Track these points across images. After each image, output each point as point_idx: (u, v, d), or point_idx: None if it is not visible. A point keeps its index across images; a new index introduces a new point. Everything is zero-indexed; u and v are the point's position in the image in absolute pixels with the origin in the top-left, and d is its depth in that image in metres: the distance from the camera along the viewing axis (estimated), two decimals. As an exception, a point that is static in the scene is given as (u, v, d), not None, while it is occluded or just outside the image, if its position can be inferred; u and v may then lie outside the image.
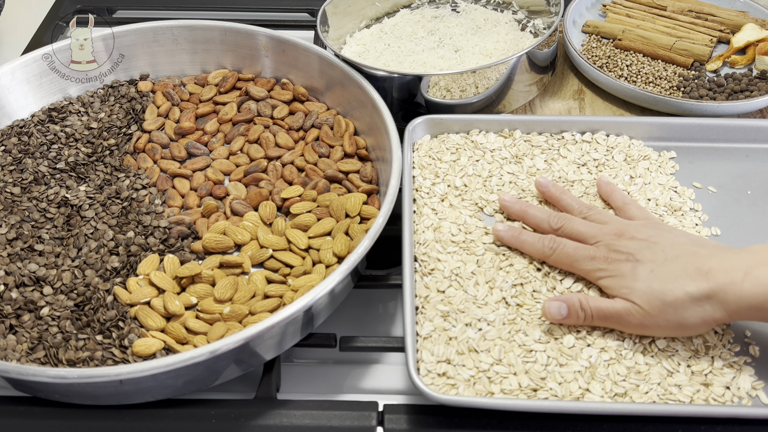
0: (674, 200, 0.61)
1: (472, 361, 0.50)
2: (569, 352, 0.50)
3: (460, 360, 0.50)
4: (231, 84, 0.74)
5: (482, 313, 0.52)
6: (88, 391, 0.48)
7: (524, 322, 0.52)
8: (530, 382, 0.48)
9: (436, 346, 0.50)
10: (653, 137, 0.66)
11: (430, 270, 0.56)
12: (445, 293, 0.54)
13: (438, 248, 0.57)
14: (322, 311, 0.54)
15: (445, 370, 0.49)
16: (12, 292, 0.55)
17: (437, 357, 0.50)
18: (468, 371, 0.49)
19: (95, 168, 0.66)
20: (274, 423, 0.49)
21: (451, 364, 0.50)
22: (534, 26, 0.77)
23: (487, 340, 0.51)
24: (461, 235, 0.58)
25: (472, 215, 0.60)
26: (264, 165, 0.66)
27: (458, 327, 0.52)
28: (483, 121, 0.66)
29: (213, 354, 0.46)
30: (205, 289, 0.56)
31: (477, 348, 0.50)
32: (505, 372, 0.49)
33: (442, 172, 0.63)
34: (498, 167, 0.63)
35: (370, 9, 0.81)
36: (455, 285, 0.54)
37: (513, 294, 0.53)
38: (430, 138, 0.66)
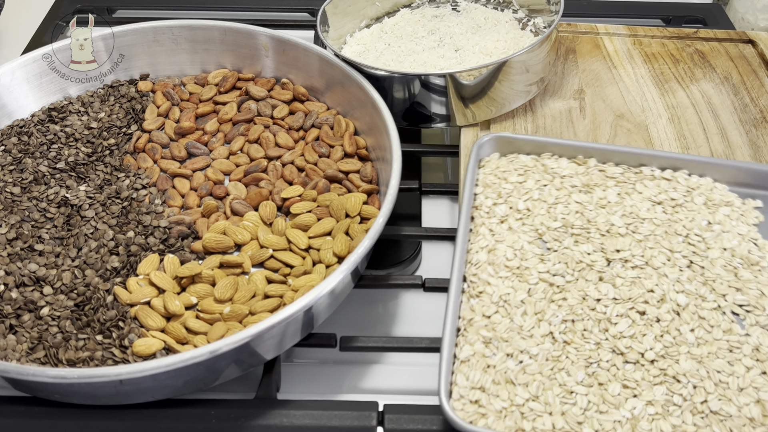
0: (753, 253, 0.55)
1: (507, 393, 0.47)
2: (612, 399, 0.47)
3: (495, 390, 0.47)
4: (231, 84, 0.74)
5: (526, 345, 0.49)
6: (88, 391, 0.48)
7: (569, 360, 0.49)
8: (565, 425, 0.45)
9: (472, 372, 0.48)
10: (739, 183, 0.61)
11: (478, 293, 0.53)
12: (491, 319, 0.51)
13: (490, 271, 0.54)
14: (323, 311, 0.54)
15: (478, 398, 0.47)
16: (12, 292, 0.55)
17: (472, 383, 0.47)
18: (501, 403, 0.46)
19: (95, 168, 0.66)
20: (274, 423, 0.49)
21: (485, 393, 0.47)
22: (534, 25, 0.76)
23: (527, 374, 0.48)
24: (516, 260, 0.55)
25: (530, 241, 0.56)
26: (264, 165, 0.66)
27: (498, 356, 0.49)
28: (557, 144, 0.63)
29: (213, 354, 0.46)
30: (205, 289, 0.56)
31: (515, 380, 0.47)
32: (540, 410, 0.46)
33: (505, 192, 0.60)
34: (566, 194, 0.60)
35: (371, 9, 0.81)
36: (502, 312, 0.52)
37: (562, 330, 0.50)
38: (498, 156, 0.63)
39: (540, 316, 0.51)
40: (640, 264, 0.55)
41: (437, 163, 0.76)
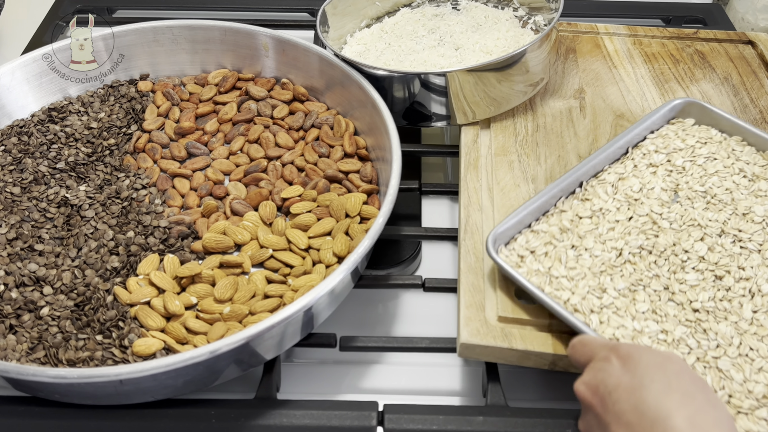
0: None
1: (550, 265, 0.53)
2: (634, 312, 0.51)
3: (542, 258, 0.54)
4: (231, 84, 0.74)
5: (593, 246, 0.55)
6: (88, 391, 0.48)
7: (620, 273, 0.53)
8: (579, 303, 0.51)
9: (534, 239, 0.55)
10: None
11: (585, 198, 0.59)
12: (581, 220, 0.57)
13: (609, 190, 0.59)
14: (322, 311, 0.54)
15: (524, 255, 0.54)
16: (12, 292, 0.55)
17: (528, 246, 0.55)
18: (539, 266, 0.53)
19: (95, 168, 0.66)
20: (274, 423, 0.49)
21: (533, 255, 0.54)
22: (535, 23, 0.76)
23: (578, 263, 0.54)
24: (639, 194, 0.59)
25: (664, 189, 0.60)
26: (264, 165, 0.66)
27: (565, 242, 0.55)
28: (752, 133, 0.63)
29: (213, 354, 0.46)
30: (205, 289, 0.56)
31: (562, 260, 0.53)
32: (567, 286, 0.52)
33: (673, 148, 0.63)
34: (729, 174, 0.60)
35: (371, 8, 0.80)
36: (594, 219, 0.57)
37: (633, 252, 0.55)
38: (692, 123, 0.66)
39: (624, 237, 0.56)
40: (751, 247, 0.55)
41: (437, 163, 0.76)
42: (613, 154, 0.63)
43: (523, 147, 0.68)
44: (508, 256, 0.55)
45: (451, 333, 0.56)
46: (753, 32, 0.83)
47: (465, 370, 0.57)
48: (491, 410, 0.50)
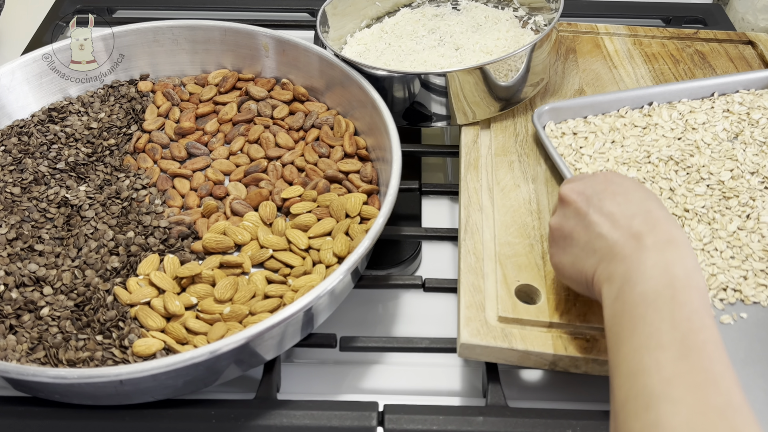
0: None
1: (582, 144, 0.65)
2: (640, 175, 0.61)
3: (580, 141, 0.64)
4: (231, 84, 0.74)
5: (629, 144, 0.64)
6: (88, 391, 0.48)
7: (637, 166, 0.62)
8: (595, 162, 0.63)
9: (584, 126, 0.66)
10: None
11: (649, 114, 0.67)
12: (633, 128, 0.65)
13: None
14: (323, 311, 0.54)
15: (566, 133, 0.65)
16: (12, 292, 0.55)
17: (575, 129, 0.65)
18: (573, 143, 0.64)
19: (95, 168, 0.66)
20: (275, 423, 0.49)
21: (575, 137, 0.65)
22: (535, 23, 0.76)
23: (608, 152, 0.63)
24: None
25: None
26: (264, 165, 0.66)
27: (607, 137, 0.64)
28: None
29: (213, 354, 0.46)
30: (205, 289, 0.56)
31: (596, 147, 0.64)
32: (587, 162, 0.63)
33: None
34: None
35: (371, 8, 0.80)
36: (645, 131, 0.65)
37: (662, 158, 0.63)
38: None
39: (662, 148, 0.63)
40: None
41: (437, 163, 0.76)
42: (695, 92, 0.68)
43: (523, 147, 0.68)
44: (552, 130, 0.63)
45: (451, 333, 0.56)
46: (753, 32, 0.83)
47: (465, 371, 0.57)
48: (491, 410, 0.50)
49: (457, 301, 0.56)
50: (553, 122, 0.66)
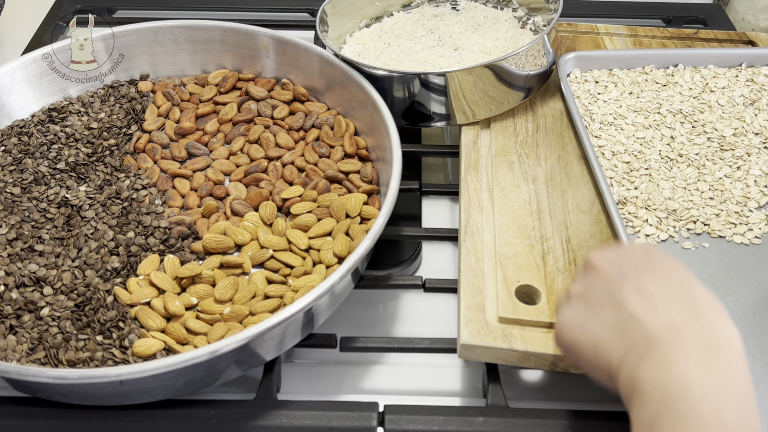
0: None
1: (600, 91, 0.70)
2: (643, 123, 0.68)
3: (600, 88, 0.69)
4: (231, 84, 0.74)
5: (644, 95, 0.67)
6: (88, 391, 0.48)
7: (645, 115, 0.66)
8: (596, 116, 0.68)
9: (607, 77, 0.71)
10: None
11: (672, 74, 0.71)
12: (653, 85, 0.69)
13: None
14: (323, 312, 0.54)
15: (588, 80, 0.71)
16: (12, 293, 0.55)
17: (597, 78, 0.71)
18: (592, 89, 0.71)
19: (95, 168, 0.66)
20: (275, 423, 0.49)
21: (596, 84, 0.70)
22: (534, 23, 0.76)
23: (622, 100, 0.68)
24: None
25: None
26: (264, 165, 0.66)
27: (626, 89, 0.67)
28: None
29: (213, 354, 0.46)
30: (206, 289, 0.56)
31: (612, 93, 0.68)
32: (602, 106, 0.69)
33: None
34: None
35: (370, 8, 0.80)
36: (665, 88, 0.69)
37: (672, 110, 0.66)
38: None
39: (675, 103, 0.68)
40: None
41: (437, 163, 0.76)
42: (723, 59, 0.71)
43: (523, 147, 0.68)
44: (577, 77, 0.69)
45: (451, 333, 0.56)
46: (753, 32, 0.83)
47: (465, 371, 0.57)
48: (491, 411, 0.50)
49: (457, 301, 0.56)
50: (579, 70, 0.72)
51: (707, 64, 0.72)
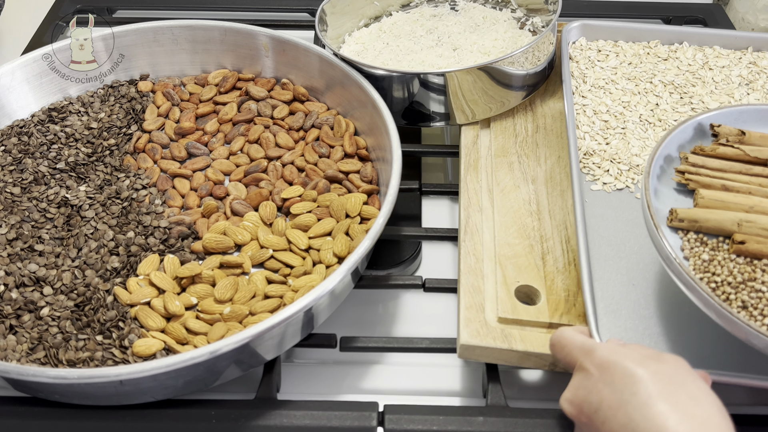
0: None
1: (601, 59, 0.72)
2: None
3: (601, 56, 0.72)
4: (231, 84, 0.74)
5: (643, 65, 0.70)
6: (88, 391, 0.48)
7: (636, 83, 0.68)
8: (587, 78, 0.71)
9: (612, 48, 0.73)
10: None
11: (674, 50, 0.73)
12: (654, 58, 0.71)
13: None
14: (323, 311, 0.54)
15: (591, 48, 0.73)
16: (12, 293, 0.55)
17: (601, 47, 0.73)
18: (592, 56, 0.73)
19: (95, 168, 0.66)
20: (275, 423, 0.49)
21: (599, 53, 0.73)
22: (533, 24, 0.76)
23: (618, 70, 0.69)
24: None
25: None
26: (264, 165, 0.66)
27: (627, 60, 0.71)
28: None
29: (213, 354, 0.46)
30: (206, 289, 0.56)
31: (611, 61, 0.71)
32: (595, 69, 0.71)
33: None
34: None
35: (369, 8, 0.81)
36: (664, 62, 0.71)
37: (664, 81, 0.68)
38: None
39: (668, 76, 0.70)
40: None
41: (437, 163, 0.76)
42: (730, 41, 0.72)
43: (523, 148, 0.68)
44: (582, 45, 0.72)
45: (451, 333, 0.56)
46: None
47: (465, 371, 0.57)
48: (491, 410, 0.50)
49: (456, 301, 0.56)
50: (585, 39, 0.74)
51: (713, 45, 0.74)
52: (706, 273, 0.47)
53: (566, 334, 0.46)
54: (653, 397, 0.38)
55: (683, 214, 0.50)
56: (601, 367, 0.41)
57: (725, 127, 0.55)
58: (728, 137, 0.54)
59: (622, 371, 0.40)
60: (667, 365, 0.40)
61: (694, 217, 0.50)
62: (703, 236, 0.50)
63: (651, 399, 0.38)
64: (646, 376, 0.39)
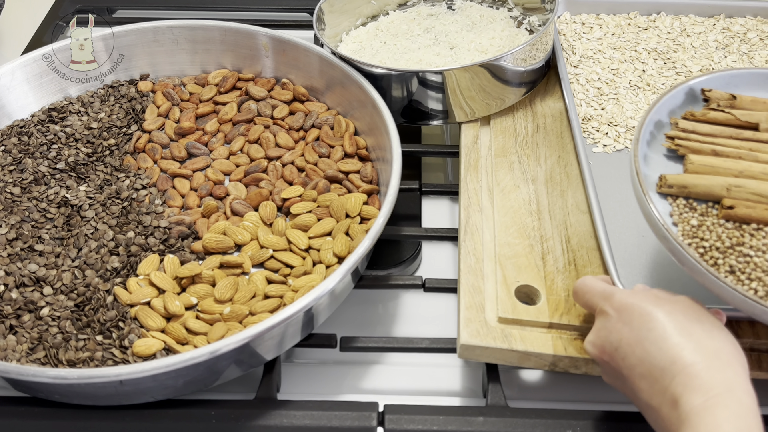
0: None
1: (594, 44, 0.76)
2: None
3: (592, 37, 0.77)
4: (231, 84, 0.74)
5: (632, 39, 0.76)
6: (88, 391, 0.48)
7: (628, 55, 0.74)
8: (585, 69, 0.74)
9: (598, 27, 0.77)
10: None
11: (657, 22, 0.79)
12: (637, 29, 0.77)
13: None
14: (323, 311, 0.54)
15: (584, 26, 0.79)
16: (12, 293, 0.55)
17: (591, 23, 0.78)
18: (589, 37, 0.77)
19: (95, 168, 0.66)
20: (275, 423, 0.49)
21: (589, 32, 0.77)
22: (529, 23, 0.77)
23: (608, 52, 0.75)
24: None
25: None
26: (264, 165, 0.66)
27: (615, 36, 0.76)
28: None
29: (213, 354, 0.46)
30: (206, 289, 0.56)
31: (602, 40, 0.76)
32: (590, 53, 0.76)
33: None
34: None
35: (366, 6, 0.80)
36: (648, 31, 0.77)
37: (648, 49, 0.75)
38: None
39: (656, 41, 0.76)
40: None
41: (437, 163, 0.76)
42: (704, 9, 0.78)
43: (523, 148, 0.68)
44: (566, 19, 0.77)
45: (451, 333, 0.56)
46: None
47: (465, 371, 0.57)
48: (491, 411, 0.50)
49: (456, 301, 0.56)
50: (569, 13, 0.79)
51: (689, 13, 0.79)
52: (694, 238, 0.47)
53: (588, 282, 0.49)
54: (668, 331, 0.40)
55: (672, 180, 0.50)
56: (619, 310, 0.44)
57: (716, 91, 0.55)
58: (719, 102, 0.54)
59: (639, 311, 0.42)
60: (681, 304, 0.43)
61: (683, 183, 0.50)
62: (692, 202, 0.50)
63: (666, 333, 0.40)
64: (661, 314, 0.41)
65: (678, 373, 0.39)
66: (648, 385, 0.40)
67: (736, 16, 0.80)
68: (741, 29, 0.78)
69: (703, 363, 0.39)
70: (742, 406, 0.37)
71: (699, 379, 0.38)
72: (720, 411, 0.37)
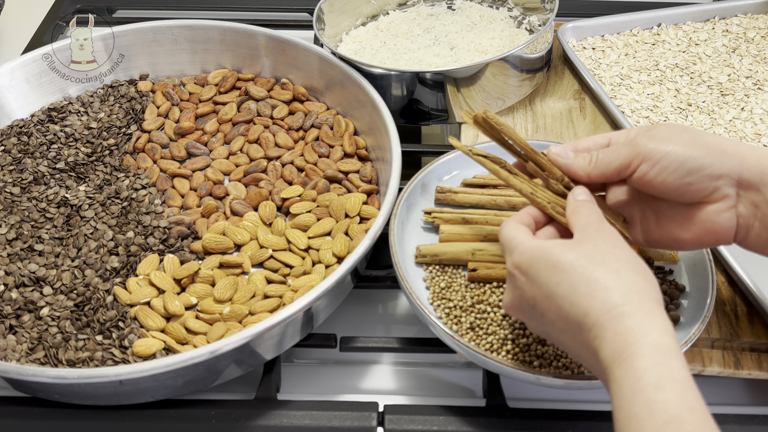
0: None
1: (599, 56, 0.77)
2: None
3: (596, 52, 0.78)
4: (231, 84, 0.74)
5: (640, 55, 0.77)
6: (87, 391, 0.48)
7: (648, 73, 0.74)
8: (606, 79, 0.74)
9: (600, 42, 0.79)
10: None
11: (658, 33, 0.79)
12: (643, 45, 0.78)
13: None
14: (322, 311, 0.54)
15: (586, 47, 0.79)
16: (12, 292, 0.55)
17: (592, 44, 0.79)
18: (591, 55, 0.78)
19: (95, 168, 0.66)
20: (275, 423, 0.49)
21: (593, 51, 0.78)
22: (529, 23, 0.77)
23: (618, 61, 0.76)
24: None
25: None
26: (264, 165, 0.66)
27: (619, 49, 0.77)
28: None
29: (213, 354, 0.46)
30: (205, 289, 0.56)
31: (609, 56, 0.77)
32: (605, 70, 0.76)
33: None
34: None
35: (366, 6, 0.80)
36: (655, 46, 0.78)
37: (669, 65, 0.75)
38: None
39: (668, 58, 0.76)
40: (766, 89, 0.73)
41: (437, 163, 0.76)
42: (698, 15, 0.80)
43: (522, 147, 0.68)
44: (574, 45, 0.77)
45: (450, 333, 0.56)
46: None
47: (465, 371, 0.57)
48: (491, 411, 0.50)
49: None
50: (575, 39, 0.78)
51: (686, 21, 0.81)
52: (442, 300, 0.52)
53: (502, 230, 0.45)
54: (575, 282, 0.39)
55: (425, 250, 0.55)
56: (521, 269, 0.42)
57: (443, 186, 0.59)
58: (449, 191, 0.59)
59: (545, 265, 0.41)
60: (584, 246, 0.41)
61: (434, 252, 0.55)
62: (444, 266, 0.55)
63: (574, 284, 0.39)
64: (566, 264, 0.40)
65: (592, 326, 0.38)
66: (570, 338, 0.40)
67: (729, 17, 0.81)
68: (739, 29, 0.79)
69: (613, 311, 0.38)
70: (659, 349, 0.36)
71: (611, 330, 0.37)
72: (637, 361, 0.36)
